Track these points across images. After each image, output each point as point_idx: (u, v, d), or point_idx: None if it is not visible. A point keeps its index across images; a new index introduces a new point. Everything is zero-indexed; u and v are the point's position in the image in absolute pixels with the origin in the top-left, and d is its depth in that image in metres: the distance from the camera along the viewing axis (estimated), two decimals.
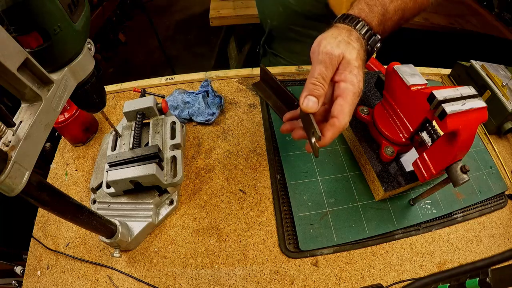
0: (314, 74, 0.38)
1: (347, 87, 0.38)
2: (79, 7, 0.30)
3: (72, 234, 0.52)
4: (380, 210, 0.53)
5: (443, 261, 0.50)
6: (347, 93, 0.38)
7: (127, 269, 0.48)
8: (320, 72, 0.38)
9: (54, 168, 0.61)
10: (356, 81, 0.38)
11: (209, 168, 0.58)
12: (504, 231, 0.55)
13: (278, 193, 0.54)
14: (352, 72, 0.39)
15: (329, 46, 0.39)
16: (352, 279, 0.47)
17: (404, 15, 0.47)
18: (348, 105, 0.38)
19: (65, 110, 0.58)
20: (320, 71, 0.38)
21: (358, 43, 0.41)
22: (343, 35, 0.41)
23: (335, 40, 0.40)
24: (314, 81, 0.38)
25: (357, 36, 0.42)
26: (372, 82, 0.65)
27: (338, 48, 0.39)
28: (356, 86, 0.38)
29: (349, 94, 0.38)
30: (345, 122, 0.38)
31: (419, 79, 0.47)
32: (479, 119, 0.40)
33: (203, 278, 0.47)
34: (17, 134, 0.26)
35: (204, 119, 0.63)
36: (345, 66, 0.39)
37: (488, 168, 0.60)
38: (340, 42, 0.40)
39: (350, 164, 0.58)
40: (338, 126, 0.37)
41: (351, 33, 0.41)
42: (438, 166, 0.43)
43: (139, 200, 0.51)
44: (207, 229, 0.52)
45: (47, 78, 0.28)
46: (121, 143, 0.54)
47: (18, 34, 0.26)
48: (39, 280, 0.48)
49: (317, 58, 0.39)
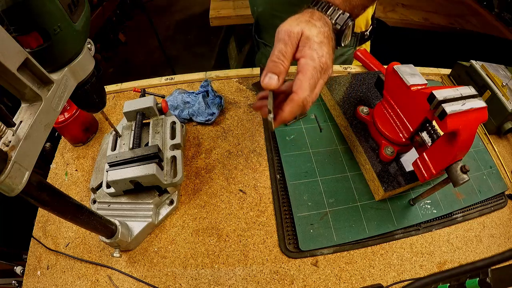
0: (274, 52, 0.39)
1: (307, 62, 0.39)
2: (79, 7, 0.30)
3: (72, 234, 0.52)
4: (380, 210, 0.53)
5: (443, 261, 0.50)
6: (307, 68, 0.38)
7: (127, 269, 0.48)
8: (280, 50, 0.39)
9: (54, 168, 0.61)
10: (316, 56, 0.39)
11: (209, 168, 0.58)
12: (504, 231, 0.55)
13: (278, 193, 0.54)
14: (312, 47, 0.39)
15: (287, 25, 0.40)
16: (352, 279, 0.47)
17: None
18: (307, 80, 0.38)
19: (65, 110, 0.58)
20: (279, 48, 0.39)
21: (321, 21, 0.42)
22: (304, 16, 0.42)
23: (295, 21, 0.41)
24: (273, 59, 0.39)
25: (320, 16, 0.43)
26: (372, 82, 0.65)
27: (297, 26, 0.40)
28: (317, 61, 0.39)
29: (309, 69, 0.38)
30: (303, 97, 0.38)
31: (419, 79, 0.47)
32: (479, 119, 0.40)
33: (203, 278, 0.47)
34: (17, 134, 0.26)
35: (204, 119, 0.63)
36: (305, 42, 0.39)
37: (488, 168, 0.60)
38: (300, 22, 0.41)
39: (350, 164, 0.58)
40: (296, 100, 0.38)
41: (313, 14, 0.43)
42: (438, 166, 0.43)
43: (139, 200, 0.51)
44: (207, 229, 0.52)
45: (47, 78, 0.28)
46: (121, 143, 0.54)
47: (18, 34, 0.26)
48: (39, 280, 0.48)
49: (277, 38, 0.40)
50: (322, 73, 0.40)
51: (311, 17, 0.42)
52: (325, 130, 0.63)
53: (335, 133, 0.63)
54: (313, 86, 0.39)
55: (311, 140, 0.61)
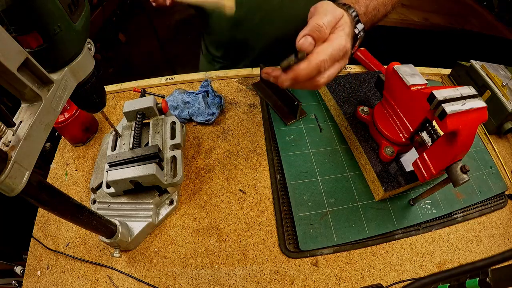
0: (322, 20, 0.39)
1: (336, 37, 0.39)
2: (79, 7, 0.30)
3: (72, 234, 0.52)
4: (380, 210, 0.53)
5: (443, 261, 0.50)
6: (334, 40, 0.39)
7: (127, 269, 0.48)
8: (329, 21, 0.39)
9: (54, 168, 0.61)
10: (345, 38, 0.40)
11: (209, 168, 0.58)
12: (504, 231, 0.55)
13: (278, 193, 0.54)
14: (345, 31, 0.40)
15: (331, 5, 0.41)
16: (352, 279, 0.47)
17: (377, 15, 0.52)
18: (330, 48, 0.38)
19: (65, 110, 0.58)
20: (328, 19, 0.39)
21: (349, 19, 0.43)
22: (340, 7, 0.43)
23: (333, 5, 0.42)
24: (320, 23, 0.38)
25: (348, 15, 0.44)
26: (372, 82, 0.65)
27: (338, 9, 0.41)
28: (344, 41, 0.39)
29: (336, 42, 0.39)
30: (322, 59, 0.38)
31: (419, 79, 0.47)
32: (479, 119, 0.40)
33: (203, 278, 0.47)
34: (17, 134, 0.26)
35: (204, 119, 0.63)
36: (340, 24, 0.40)
37: (488, 168, 0.60)
38: (338, 7, 0.42)
39: (350, 164, 0.58)
40: (314, 58, 0.38)
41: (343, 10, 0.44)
42: (438, 166, 0.43)
43: (139, 200, 0.51)
44: (207, 229, 0.52)
45: (47, 78, 0.28)
46: (121, 143, 0.54)
47: (18, 34, 0.26)
48: (39, 280, 0.48)
49: (322, 10, 0.40)
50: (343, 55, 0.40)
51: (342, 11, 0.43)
52: (325, 130, 0.63)
53: (335, 133, 0.63)
54: (333, 57, 0.39)
55: (311, 140, 0.61)
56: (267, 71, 0.43)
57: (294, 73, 0.39)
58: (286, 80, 0.40)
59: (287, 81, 0.40)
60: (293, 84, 0.40)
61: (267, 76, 0.43)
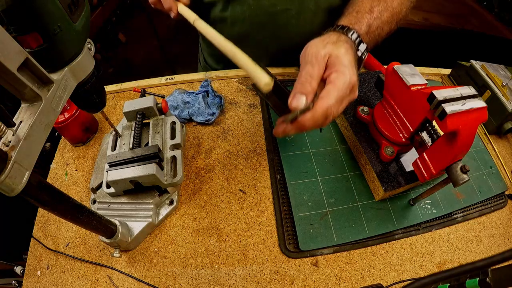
0: (302, 74, 0.39)
1: (338, 76, 0.38)
2: (79, 7, 0.30)
3: (72, 234, 0.52)
4: (380, 210, 0.53)
5: (443, 261, 0.50)
6: (337, 81, 0.37)
7: (127, 269, 0.48)
8: (307, 71, 0.38)
9: (54, 168, 0.61)
10: (347, 72, 0.38)
11: (209, 168, 0.58)
12: (504, 231, 0.55)
13: (278, 193, 0.54)
14: (343, 63, 0.38)
15: (315, 48, 0.40)
16: (352, 279, 0.47)
17: (381, 34, 0.51)
18: (335, 90, 0.37)
19: (65, 110, 0.58)
20: (306, 70, 0.39)
21: (347, 44, 0.42)
22: (331, 38, 0.42)
23: (322, 42, 0.41)
24: (301, 80, 0.38)
25: (346, 39, 0.43)
26: (372, 82, 0.65)
27: (325, 49, 0.39)
28: (348, 77, 0.38)
29: (339, 82, 0.37)
30: (329, 105, 0.36)
31: (419, 79, 0.47)
32: (479, 119, 0.40)
33: (203, 278, 0.47)
34: (17, 134, 0.26)
35: (204, 119, 0.63)
36: (334, 61, 0.39)
37: (488, 168, 0.60)
38: (327, 43, 0.40)
39: (350, 164, 0.58)
40: (320, 106, 0.36)
41: (340, 36, 0.43)
42: (438, 166, 0.43)
43: (139, 200, 0.51)
44: (207, 229, 0.52)
45: (47, 78, 0.28)
46: (121, 143, 0.54)
47: (18, 34, 0.26)
48: (39, 280, 0.48)
49: (304, 60, 0.40)
50: (351, 91, 0.39)
51: (338, 39, 0.41)
52: (325, 130, 0.63)
53: (335, 133, 0.63)
54: (340, 98, 0.37)
55: (311, 140, 0.61)
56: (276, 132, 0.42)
57: (299, 125, 0.38)
58: (292, 129, 0.39)
59: (293, 131, 0.39)
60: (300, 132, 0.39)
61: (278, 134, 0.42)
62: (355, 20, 0.47)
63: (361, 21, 0.47)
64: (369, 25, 0.48)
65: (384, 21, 0.50)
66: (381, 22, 0.50)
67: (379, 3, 0.51)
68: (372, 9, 0.49)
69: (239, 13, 0.65)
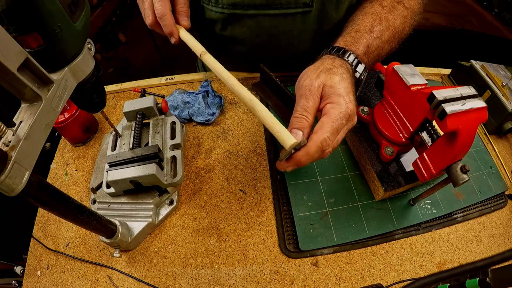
0: (297, 109, 0.38)
1: (333, 107, 0.37)
2: (79, 7, 0.30)
3: (72, 234, 0.52)
4: (380, 210, 0.53)
5: (443, 261, 0.50)
6: (332, 111, 0.37)
7: (127, 269, 0.48)
8: (302, 105, 0.38)
9: (54, 168, 0.61)
10: (343, 102, 0.37)
11: (209, 168, 0.58)
12: (504, 231, 0.55)
13: (278, 193, 0.54)
14: (338, 93, 0.38)
15: (308, 79, 0.39)
16: (352, 279, 0.47)
17: (381, 53, 0.50)
18: (330, 122, 0.36)
19: (65, 110, 0.58)
20: (301, 104, 0.38)
21: (342, 68, 0.41)
22: (325, 65, 0.41)
23: (316, 71, 0.40)
24: (296, 115, 0.38)
25: (341, 62, 0.42)
26: (372, 82, 0.65)
27: (318, 79, 0.39)
28: (343, 107, 0.37)
29: (334, 113, 0.37)
30: (323, 137, 0.36)
31: (419, 79, 0.47)
32: (479, 119, 0.40)
33: (203, 278, 0.47)
34: (17, 134, 0.26)
35: (204, 119, 0.63)
36: (329, 92, 0.38)
37: (488, 168, 0.60)
38: (320, 72, 0.40)
39: (350, 164, 0.58)
40: (314, 140, 0.36)
41: (334, 61, 0.42)
42: (438, 166, 0.43)
43: (139, 200, 0.51)
44: (207, 229, 0.52)
45: (47, 78, 0.28)
46: (121, 143, 0.54)
47: (18, 34, 0.26)
48: (39, 280, 0.48)
49: (299, 93, 0.40)
50: (347, 120, 0.38)
51: (332, 65, 0.41)
52: None
53: None
54: (335, 130, 0.37)
55: None
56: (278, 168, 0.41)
57: (295, 162, 0.37)
58: (288, 166, 0.38)
59: (291, 167, 0.38)
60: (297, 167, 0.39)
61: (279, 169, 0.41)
62: (353, 41, 0.46)
63: (359, 42, 0.46)
64: (368, 45, 0.46)
65: (385, 40, 0.49)
66: (381, 42, 0.48)
67: (381, 22, 0.49)
68: (373, 29, 0.48)
69: (238, 34, 0.63)
